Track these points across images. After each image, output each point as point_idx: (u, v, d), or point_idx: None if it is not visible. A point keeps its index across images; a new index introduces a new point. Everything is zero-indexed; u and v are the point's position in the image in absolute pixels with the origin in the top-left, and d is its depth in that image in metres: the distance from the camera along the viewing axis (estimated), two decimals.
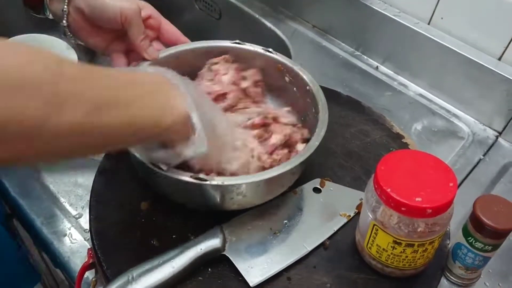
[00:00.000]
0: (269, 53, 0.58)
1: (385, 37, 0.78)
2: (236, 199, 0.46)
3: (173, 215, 0.50)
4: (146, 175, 0.48)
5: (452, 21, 0.72)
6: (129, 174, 0.53)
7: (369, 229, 0.45)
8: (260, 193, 0.48)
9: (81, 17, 0.52)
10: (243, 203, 0.48)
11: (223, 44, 0.59)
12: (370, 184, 0.44)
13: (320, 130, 0.49)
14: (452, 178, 0.42)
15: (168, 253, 0.44)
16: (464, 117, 0.73)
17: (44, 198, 0.57)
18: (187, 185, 0.44)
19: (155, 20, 0.56)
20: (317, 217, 0.51)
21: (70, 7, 0.52)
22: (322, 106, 0.52)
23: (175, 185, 0.45)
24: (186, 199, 0.49)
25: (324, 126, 0.50)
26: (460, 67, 0.71)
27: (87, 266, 0.49)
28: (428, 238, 0.42)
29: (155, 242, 0.49)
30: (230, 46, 0.59)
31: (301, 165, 0.47)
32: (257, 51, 0.58)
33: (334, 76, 0.77)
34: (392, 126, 0.64)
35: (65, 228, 0.55)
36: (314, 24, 0.87)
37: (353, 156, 0.59)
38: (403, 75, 0.78)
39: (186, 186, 0.44)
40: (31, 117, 0.29)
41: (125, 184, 0.53)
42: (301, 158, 0.47)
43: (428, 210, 0.40)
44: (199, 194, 0.46)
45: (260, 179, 0.45)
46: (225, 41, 0.59)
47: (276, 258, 0.47)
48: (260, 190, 0.47)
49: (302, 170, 0.50)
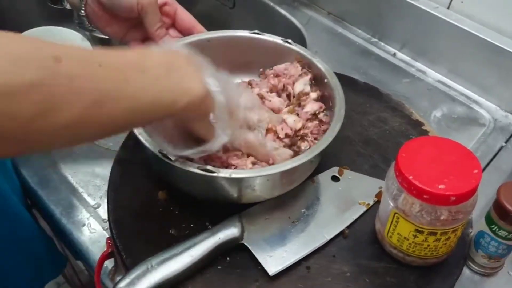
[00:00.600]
0: (288, 44, 0.57)
1: (402, 23, 0.76)
2: (245, 192, 0.46)
3: (190, 204, 0.50)
4: (156, 165, 0.48)
5: (472, 4, 0.70)
6: (146, 164, 0.53)
7: (389, 218, 0.44)
8: (270, 188, 0.47)
9: (98, 7, 0.53)
10: (253, 198, 0.48)
11: (241, 34, 0.58)
12: (391, 172, 0.43)
13: (335, 125, 0.48)
14: (476, 164, 0.41)
15: (187, 242, 0.44)
16: (485, 103, 0.71)
17: (62, 188, 0.58)
18: (194, 176, 0.43)
19: (170, 7, 0.55)
20: (336, 206, 0.51)
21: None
22: (339, 100, 0.51)
23: (183, 176, 0.45)
24: (195, 191, 0.48)
25: (340, 121, 0.48)
26: (480, 52, 0.69)
27: (106, 255, 0.49)
28: (451, 226, 0.41)
29: (172, 231, 0.48)
30: (248, 36, 0.58)
31: (311, 162, 0.47)
32: (276, 41, 0.57)
33: (350, 63, 0.76)
34: (411, 113, 0.63)
35: (84, 218, 0.55)
36: (329, 11, 0.86)
37: (372, 144, 0.59)
38: (421, 61, 0.77)
39: (193, 177, 0.44)
40: (25, 119, 0.28)
41: (142, 174, 0.53)
42: (311, 155, 0.45)
43: (452, 198, 0.39)
44: (207, 186, 0.46)
45: (269, 173, 0.44)
46: (244, 31, 0.58)
47: (295, 247, 0.47)
48: (269, 184, 0.46)
49: (314, 166, 0.50)
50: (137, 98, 0.34)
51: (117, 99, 0.33)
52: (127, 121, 0.35)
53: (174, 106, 0.37)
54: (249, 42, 0.57)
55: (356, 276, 0.46)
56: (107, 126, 0.33)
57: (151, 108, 0.35)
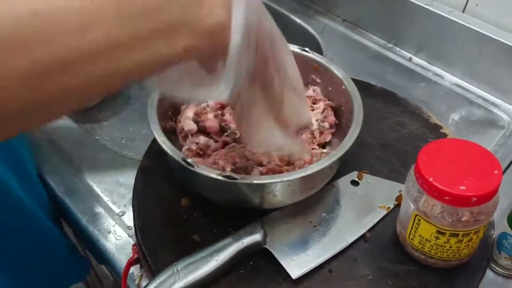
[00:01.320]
0: (305, 52, 0.58)
1: (417, 28, 0.77)
2: (267, 198, 0.47)
3: (212, 210, 0.51)
4: (179, 172, 0.50)
5: (487, 7, 0.70)
6: (169, 171, 0.54)
7: (411, 220, 0.44)
8: (290, 193, 0.48)
9: None
10: (274, 203, 0.49)
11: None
12: (411, 174, 0.44)
13: (354, 131, 0.49)
14: (496, 165, 0.41)
15: (211, 247, 0.45)
16: (503, 105, 0.71)
17: (88, 197, 0.59)
18: (215, 182, 0.44)
19: None
20: (356, 210, 0.51)
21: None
22: (357, 106, 0.52)
23: (204, 182, 0.46)
24: (217, 197, 0.50)
25: (358, 127, 0.49)
26: (497, 54, 0.69)
27: (132, 261, 0.51)
28: (473, 228, 0.42)
29: (196, 237, 0.50)
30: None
31: (330, 168, 0.48)
32: (294, 50, 0.58)
33: (366, 69, 0.77)
34: (429, 116, 0.63)
35: (109, 226, 0.56)
36: (344, 18, 0.87)
37: (390, 148, 0.59)
38: (438, 65, 0.77)
39: (215, 183, 0.45)
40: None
41: (166, 181, 0.54)
42: (331, 160, 0.46)
43: (473, 199, 0.39)
44: (228, 192, 0.47)
45: (290, 179, 0.45)
46: None
47: (317, 251, 0.47)
48: (290, 190, 0.47)
49: (333, 172, 0.51)
50: (115, 51, 0.26)
51: (95, 60, 0.25)
52: (110, 79, 0.27)
53: (172, 52, 0.28)
54: None
55: (378, 279, 0.46)
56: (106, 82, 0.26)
57: (139, 61, 0.27)
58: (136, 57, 0.26)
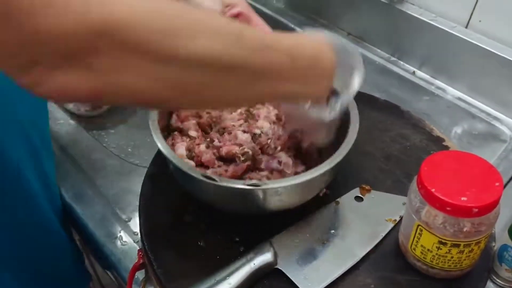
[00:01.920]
0: None
1: (421, 42, 0.78)
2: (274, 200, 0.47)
3: (217, 217, 0.52)
4: (180, 178, 0.50)
5: (490, 23, 0.72)
6: (175, 178, 0.55)
7: (413, 230, 0.45)
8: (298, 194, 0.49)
9: None
10: (278, 206, 0.49)
11: None
12: (413, 185, 0.45)
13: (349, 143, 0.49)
14: (497, 177, 0.42)
15: (223, 271, 0.45)
16: (505, 119, 0.72)
17: (95, 202, 0.60)
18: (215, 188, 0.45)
19: (244, 17, 0.55)
20: (363, 224, 0.52)
21: None
22: (353, 116, 0.52)
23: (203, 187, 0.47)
24: (217, 202, 0.50)
25: (354, 134, 0.50)
26: (500, 69, 0.70)
27: (138, 266, 0.51)
28: (475, 238, 0.42)
29: (201, 243, 0.50)
30: None
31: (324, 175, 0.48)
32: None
33: (371, 82, 0.78)
34: (432, 129, 0.64)
35: (116, 231, 0.57)
36: (349, 31, 0.88)
37: (393, 160, 0.60)
38: (441, 79, 0.78)
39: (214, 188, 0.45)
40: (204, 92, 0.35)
41: (172, 187, 0.55)
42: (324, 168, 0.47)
43: (474, 210, 0.40)
44: (238, 200, 0.47)
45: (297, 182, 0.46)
46: None
47: (329, 267, 0.48)
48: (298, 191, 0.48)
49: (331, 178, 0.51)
50: (277, 80, 0.38)
51: (260, 78, 0.37)
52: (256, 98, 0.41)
53: (303, 96, 0.43)
54: None
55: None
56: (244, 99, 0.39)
57: (283, 94, 0.40)
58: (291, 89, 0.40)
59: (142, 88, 0.31)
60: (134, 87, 0.31)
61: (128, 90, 0.31)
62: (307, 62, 0.40)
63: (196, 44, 0.31)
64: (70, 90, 0.29)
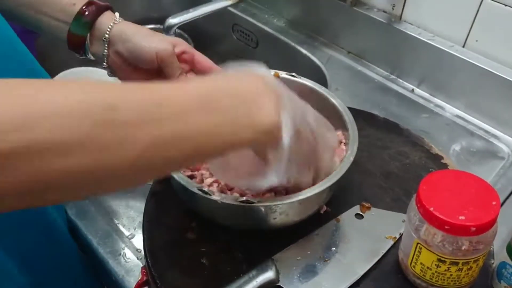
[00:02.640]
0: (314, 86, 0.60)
1: (420, 61, 0.80)
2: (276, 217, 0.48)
3: (220, 234, 0.53)
4: (181, 195, 0.52)
5: (486, 43, 0.73)
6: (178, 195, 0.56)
7: (412, 248, 0.46)
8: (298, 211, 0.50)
9: (120, 59, 0.56)
10: (282, 223, 0.50)
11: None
12: (413, 204, 0.46)
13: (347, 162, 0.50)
14: (494, 196, 0.43)
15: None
16: (503, 137, 0.73)
17: (99, 219, 0.61)
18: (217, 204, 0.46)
19: (188, 55, 0.58)
20: (364, 242, 0.53)
21: (110, 50, 0.56)
22: (352, 138, 0.53)
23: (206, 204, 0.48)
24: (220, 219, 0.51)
25: (353, 155, 0.51)
26: (497, 88, 0.71)
27: (141, 283, 0.52)
28: (473, 256, 0.43)
29: (204, 260, 0.51)
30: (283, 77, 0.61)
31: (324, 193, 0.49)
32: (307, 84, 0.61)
33: (370, 99, 0.79)
34: (430, 147, 0.65)
35: (119, 248, 0.58)
36: (349, 50, 0.90)
37: (393, 177, 0.61)
38: (439, 97, 0.80)
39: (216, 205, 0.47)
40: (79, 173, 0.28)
41: (175, 205, 0.56)
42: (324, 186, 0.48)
43: (472, 228, 0.41)
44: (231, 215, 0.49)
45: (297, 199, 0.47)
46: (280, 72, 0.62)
47: (330, 284, 0.48)
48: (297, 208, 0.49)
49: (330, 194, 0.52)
50: (196, 137, 0.33)
51: (171, 143, 0.32)
52: (183, 161, 0.35)
53: (237, 142, 0.36)
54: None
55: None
56: (164, 167, 0.33)
57: (213, 146, 0.35)
58: (213, 139, 0.35)
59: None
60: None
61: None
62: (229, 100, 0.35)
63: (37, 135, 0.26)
64: None
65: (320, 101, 0.59)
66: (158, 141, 0.31)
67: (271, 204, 0.46)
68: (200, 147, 0.34)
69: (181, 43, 0.58)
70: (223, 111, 0.35)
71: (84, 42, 0.56)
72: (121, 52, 0.55)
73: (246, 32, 1.01)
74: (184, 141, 0.33)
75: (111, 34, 0.55)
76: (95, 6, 0.55)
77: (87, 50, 0.57)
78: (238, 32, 1.03)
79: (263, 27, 0.97)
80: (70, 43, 0.56)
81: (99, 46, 0.56)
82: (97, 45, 0.56)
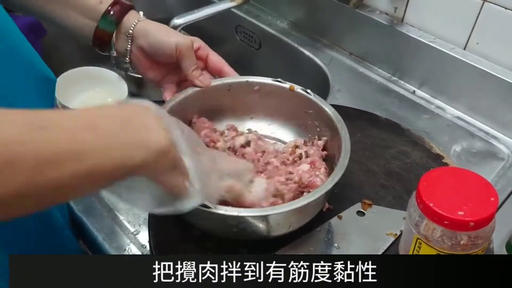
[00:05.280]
0: (307, 93, 0.59)
1: (421, 63, 0.81)
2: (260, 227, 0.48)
3: None
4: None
5: (487, 45, 0.74)
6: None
7: (412, 243, 0.47)
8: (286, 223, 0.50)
9: (141, 54, 0.59)
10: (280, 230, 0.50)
11: (262, 81, 0.62)
12: (413, 200, 0.47)
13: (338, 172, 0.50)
14: (492, 192, 0.44)
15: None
16: (503, 138, 0.74)
17: (105, 216, 0.62)
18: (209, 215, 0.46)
19: (203, 52, 0.61)
20: (365, 238, 0.54)
21: (132, 45, 0.58)
22: (344, 150, 0.52)
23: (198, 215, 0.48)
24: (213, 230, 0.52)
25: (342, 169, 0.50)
26: (497, 90, 0.72)
27: None
28: (471, 251, 0.44)
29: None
30: (270, 83, 0.61)
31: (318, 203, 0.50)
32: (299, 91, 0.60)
33: (372, 100, 0.80)
34: (431, 147, 0.66)
35: (124, 244, 0.59)
36: (351, 51, 0.91)
37: (394, 176, 0.62)
38: (440, 98, 0.81)
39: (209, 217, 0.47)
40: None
41: None
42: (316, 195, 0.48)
43: (470, 223, 0.42)
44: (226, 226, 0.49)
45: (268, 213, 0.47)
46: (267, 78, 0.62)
47: None
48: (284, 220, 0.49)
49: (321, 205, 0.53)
50: (83, 159, 0.32)
51: (61, 163, 0.31)
52: (77, 185, 0.33)
53: (130, 163, 0.35)
54: (272, 89, 0.61)
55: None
56: (54, 192, 0.32)
57: (104, 168, 0.34)
58: (104, 159, 0.34)
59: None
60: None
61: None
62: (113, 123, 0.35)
63: None
64: None
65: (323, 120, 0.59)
66: (40, 163, 0.30)
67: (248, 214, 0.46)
68: (91, 168, 0.33)
69: (197, 40, 0.60)
70: (112, 134, 0.35)
71: (110, 38, 0.58)
72: (143, 46, 0.58)
73: (249, 33, 1.03)
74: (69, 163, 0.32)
75: (135, 30, 0.57)
76: (119, 5, 0.58)
77: (112, 46, 0.59)
78: (242, 33, 1.05)
79: (266, 28, 0.98)
80: (96, 39, 0.58)
81: (123, 41, 0.59)
82: (121, 41, 0.59)
